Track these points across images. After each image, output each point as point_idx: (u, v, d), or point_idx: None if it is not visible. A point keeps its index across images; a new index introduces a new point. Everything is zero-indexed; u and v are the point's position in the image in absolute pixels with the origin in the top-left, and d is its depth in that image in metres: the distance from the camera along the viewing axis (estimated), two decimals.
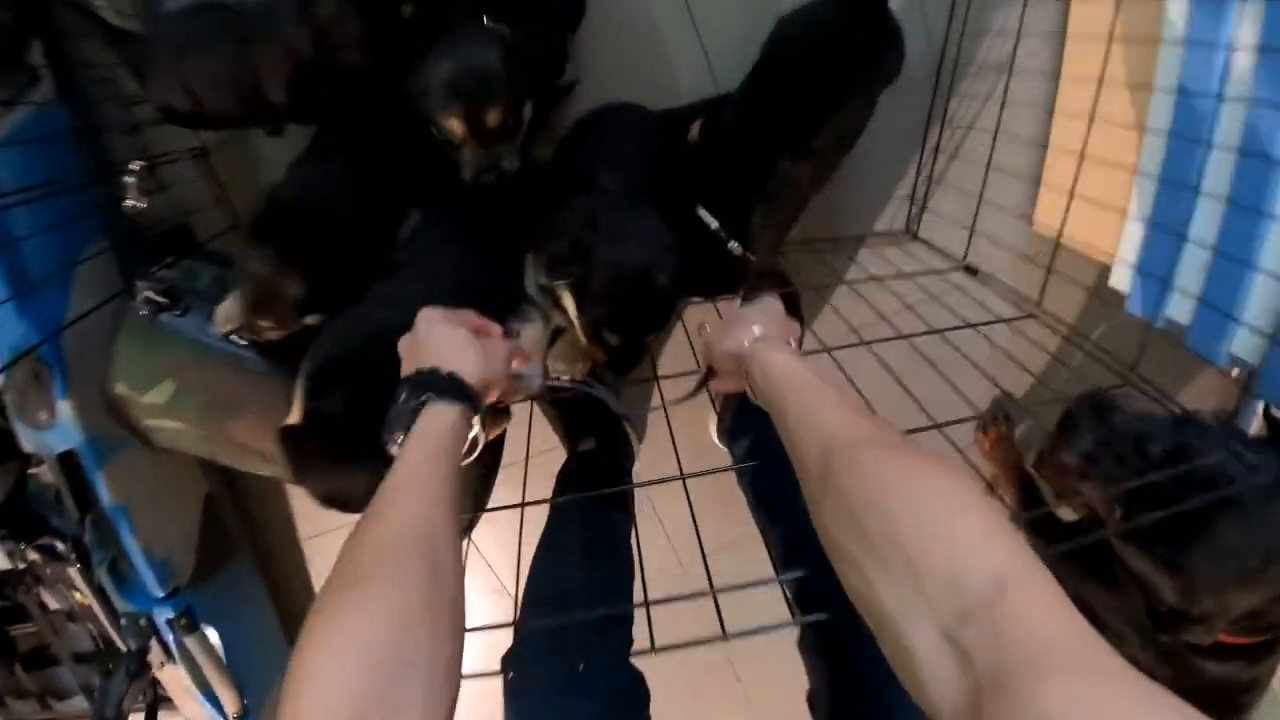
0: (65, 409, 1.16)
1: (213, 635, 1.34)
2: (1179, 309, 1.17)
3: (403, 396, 0.75)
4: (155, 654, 1.29)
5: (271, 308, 1.04)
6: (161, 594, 1.27)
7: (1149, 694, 0.37)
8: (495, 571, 1.75)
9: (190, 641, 1.29)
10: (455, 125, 0.99)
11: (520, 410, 1.25)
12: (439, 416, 0.73)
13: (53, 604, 1.33)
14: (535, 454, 1.14)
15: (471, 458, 0.79)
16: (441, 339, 0.81)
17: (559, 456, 1.46)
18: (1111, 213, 1.25)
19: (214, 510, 1.42)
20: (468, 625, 0.60)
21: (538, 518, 1.20)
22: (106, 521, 1.22)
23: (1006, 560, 0.46)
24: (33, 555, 1.27)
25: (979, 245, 1.41)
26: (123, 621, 1.27)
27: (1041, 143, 1.41)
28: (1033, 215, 1.46)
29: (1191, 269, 1.16)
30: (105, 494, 1.21)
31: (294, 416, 0.97)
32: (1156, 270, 1.20)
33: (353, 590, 0.54)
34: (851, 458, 0.59)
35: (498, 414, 1.06)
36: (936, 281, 1.37)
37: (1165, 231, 1.17)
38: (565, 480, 1.38)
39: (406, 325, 0.84)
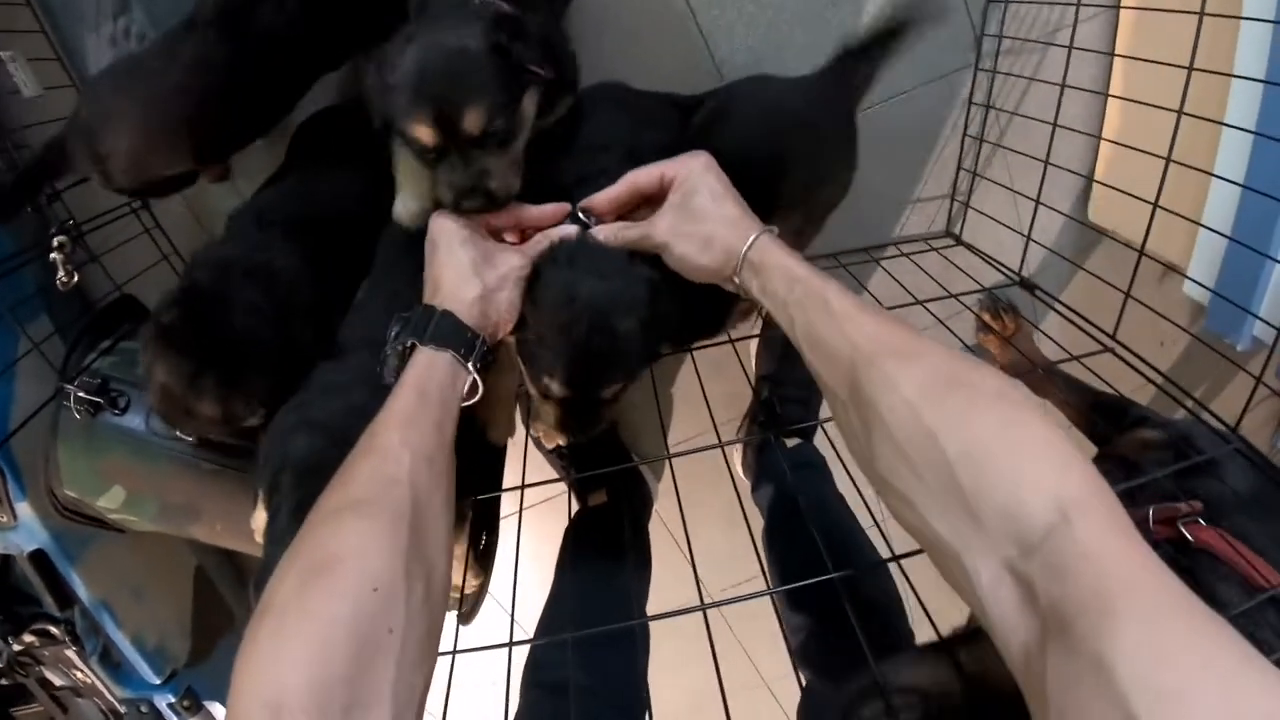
0: (25, 510, 1.09)
1: (220, 711, 1.30)
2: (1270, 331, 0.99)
3: (393, 334, 0.68)
4: None
5: (187, 424, 0.88)
6: (158, 680, 1.22)
7: (1211, 631, 0.36)
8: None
9: None
10: (424, 132, 0.71)
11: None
12: (427, 363, 0.65)
13: (57, 681, 1.31)
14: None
15: (473, 400, 0.68)
16: (441, 265, 0.72)
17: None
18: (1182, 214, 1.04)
19: (207, 584, 1.35)
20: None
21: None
22: (91, 616, 1.17)
23: (1067, 484, 0.43)
24: (29, 638, 1.23)
25: (1031, 249, 1.21)
26: (123, 709, 1.23)
27: (1095, 131, 1.19)
28: (1087, 213, 1.25)
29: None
30: (83, 591, 1.15)
31: (257, 519, 0.87)
32: (1238, 289, 1.01)
33: (317, 557, 0.50)
34: (883, 375, 0.52)
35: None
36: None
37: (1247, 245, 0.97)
38: (574, 540, 1.27)
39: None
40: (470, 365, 0.67)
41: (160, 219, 1.22)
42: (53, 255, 1.06)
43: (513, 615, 0.79)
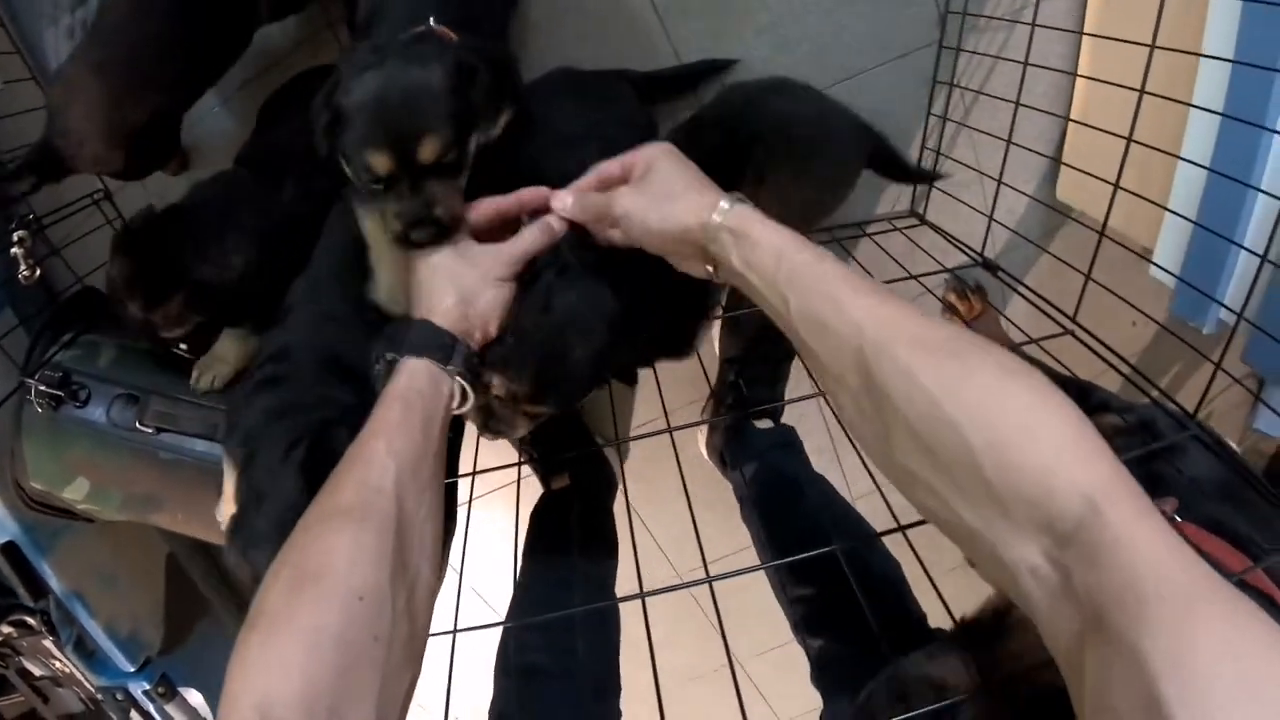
0: None
1: (195, 697, 1.31)
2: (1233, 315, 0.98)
3: (375, 350, 0.68)
4: None
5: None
6: (132, 668, 1.24)
7: (1237, 614, 0.36)
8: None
9: (171, 708, 1.27)
10: (379, 161, 0.70)
11: None
12: (409, 373, 0.65)
13: (37, 671, 1.32)
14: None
15: (465, 408, 0.69)
16: (418, 275, 0.71)
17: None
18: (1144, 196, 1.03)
19: (178, 570, 1.36)
20: None
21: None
22: (64, 606, 1.18)
23: (1095, 473, 0.42)
24: (6, 629, 1.25)
25: (995, 231, 1.20)
26: (100, 697, 1.25)
27: (1063, 110, 1.17)
28: (1055, 194, 1.23)
29: (1245, 276, 0.95)
30: (55, 581, 1.16)
31: (224, 509, 0.88)
32: (1204, 272, 0.99)
33: (305, 566, 0.51)
34: (897, 363, 0.50)
35: None
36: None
37: (1215, 228, 0.95)
38: (538, 522, 1.28)
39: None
40: (451, 370, 0.67)
41: (123, 209, 1.22)
42: (13, 250, 1.06)
43: (458, 602, 0.80)
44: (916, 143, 1.25)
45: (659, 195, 0.69)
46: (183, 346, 1.07)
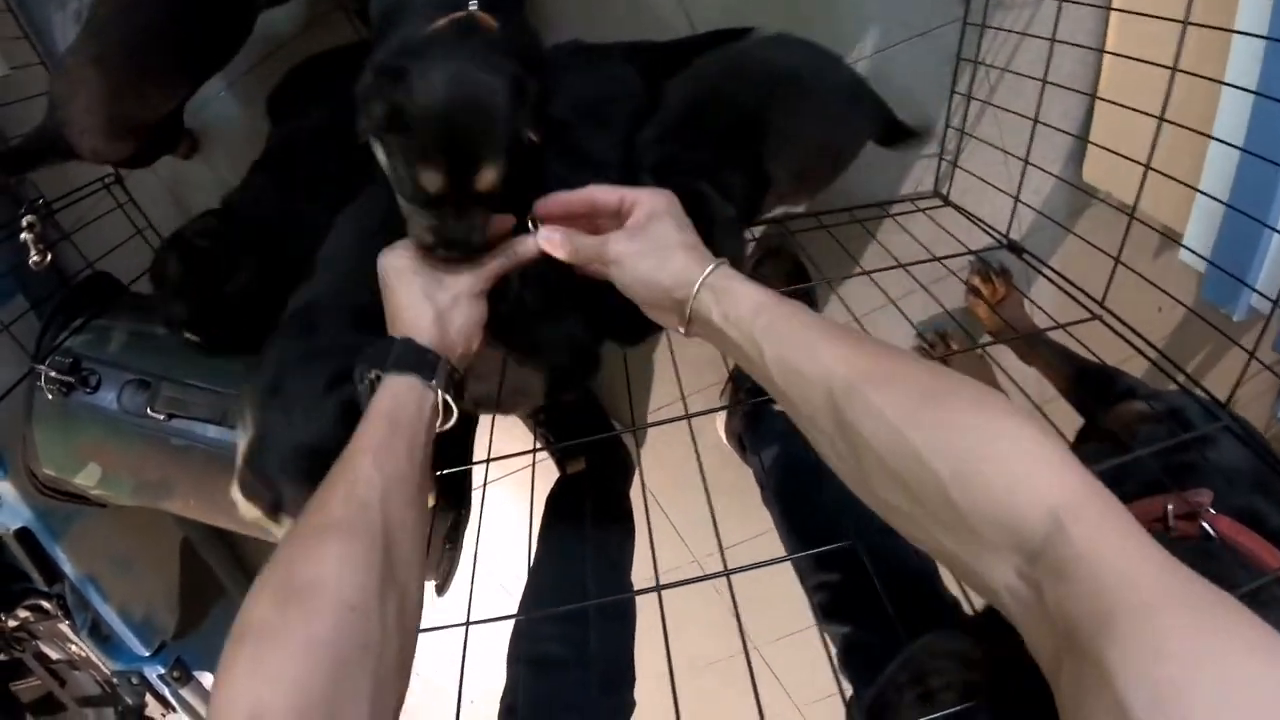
0: (7, 489, 1.10)
1: (210, 680, 1.32)
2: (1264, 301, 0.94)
3: (358, 368, 0.69)
4: (154, 708, 1.28)
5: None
6: (147, 652, 1.24)
7: (1214, 619, 0.35)
8: None
9: (186, 692, 1.28)
10: (432, 180, 0.66)
11: None
12: (393, 390, 0.65)
13: (53, 655, 1.33)
14: None
15: (449, 424, 0.69)
16: (396, 298, 0.71)
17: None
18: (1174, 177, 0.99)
19: (193, 555, 1.36)
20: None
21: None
22: (77, 591, 1.19)
23: (1058, 490, 0.43)
24: (23, 613, 1.26)
25: (1021, 213, 1.16)
26: (115, 680, 1.25)
27: (1090, 89, 1.13)
28: (1080, 175, 1.20)
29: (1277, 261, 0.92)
30: (68, 566, 1.16)
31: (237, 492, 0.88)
32: (1235, 257, 0.96)
33: (294, 579, 0.51)
34: (864, 402, 0.52)
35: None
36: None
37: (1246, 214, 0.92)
38: (553, 507, 1.27)
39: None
40: (434, 385, 0.66)
41: (133, 193, 1.21)
42: (23, 235, 1.06)
43: (471, 591, 0.78)
44: (940, 122, 1.22)
45: (654, 247, 0.68)
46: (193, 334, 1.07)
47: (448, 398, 0.68)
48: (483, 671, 0.76)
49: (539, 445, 1.33)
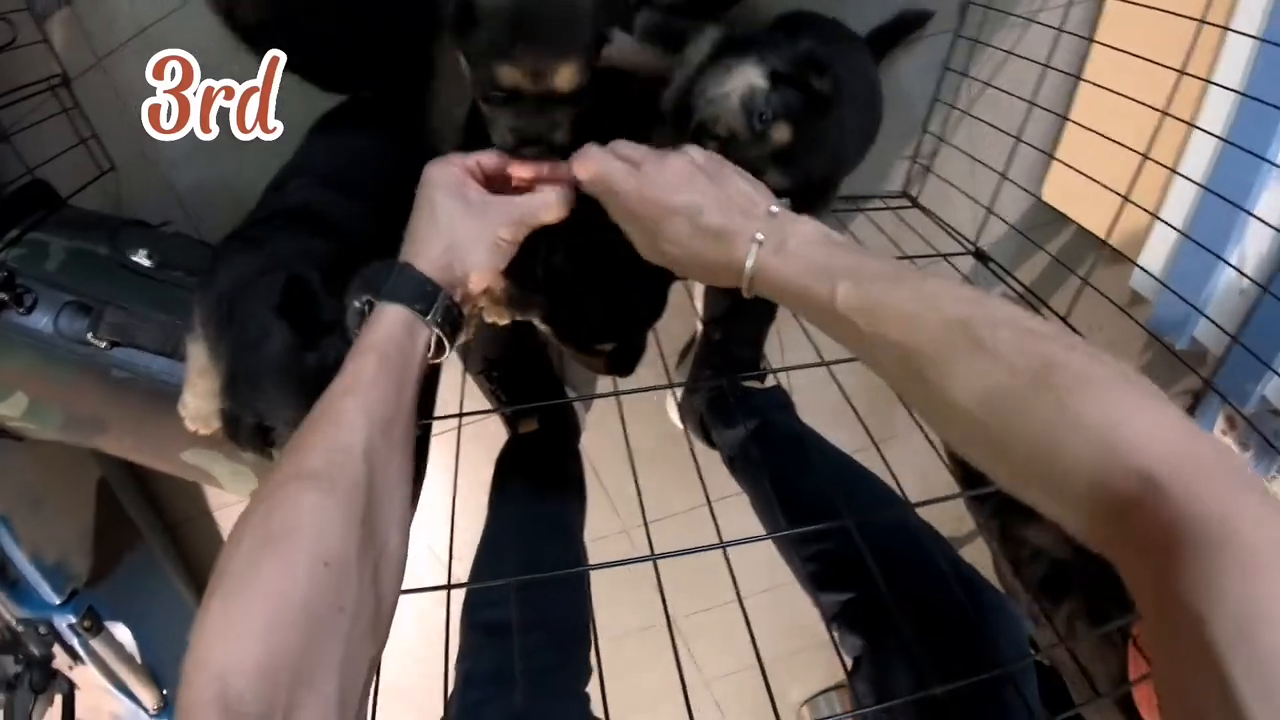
0: None
1: (122, 631, 1.23)
2: (1211, 336, 1.03)
3: (352, 291, 0.66)
4: (62, 658, 1.18)
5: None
6: (58, 600, 1.15)
7: None
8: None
9: (97, 643, 1.19)
10: (509, 76, 0.65)
11: None
12: (386, 321, 0.62)
13: None
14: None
15: (442, 359, 0.66)
16: (418, 216, 0.67)
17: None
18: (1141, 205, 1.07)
19: (109, 497, 1.27)
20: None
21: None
22: None
23: (1149, 449, 0.41)
24: None
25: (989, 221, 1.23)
26: (20, 629, 1.15)
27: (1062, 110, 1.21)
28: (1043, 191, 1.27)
29: (1225, 300, 1.01)
30: None
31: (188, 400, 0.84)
32: (1188, 288, 1.04)
33: (270, 528, 0.49)
34: (956, 360, 0.50)
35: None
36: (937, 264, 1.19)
37: (1204, 246, 0.99)
38: (505, 468, 1.24)
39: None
40: (430, 320, 0.63)
41: (80, 98, 1.10)
42: None
43: (450, 556, 0.77)
44: (918, 125, 1.26)
45: (720, 180, 0.66)
46: (145, 261, 0.99)
47: (442, 335, 0.64)
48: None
49: (494, 408, 1.31)
